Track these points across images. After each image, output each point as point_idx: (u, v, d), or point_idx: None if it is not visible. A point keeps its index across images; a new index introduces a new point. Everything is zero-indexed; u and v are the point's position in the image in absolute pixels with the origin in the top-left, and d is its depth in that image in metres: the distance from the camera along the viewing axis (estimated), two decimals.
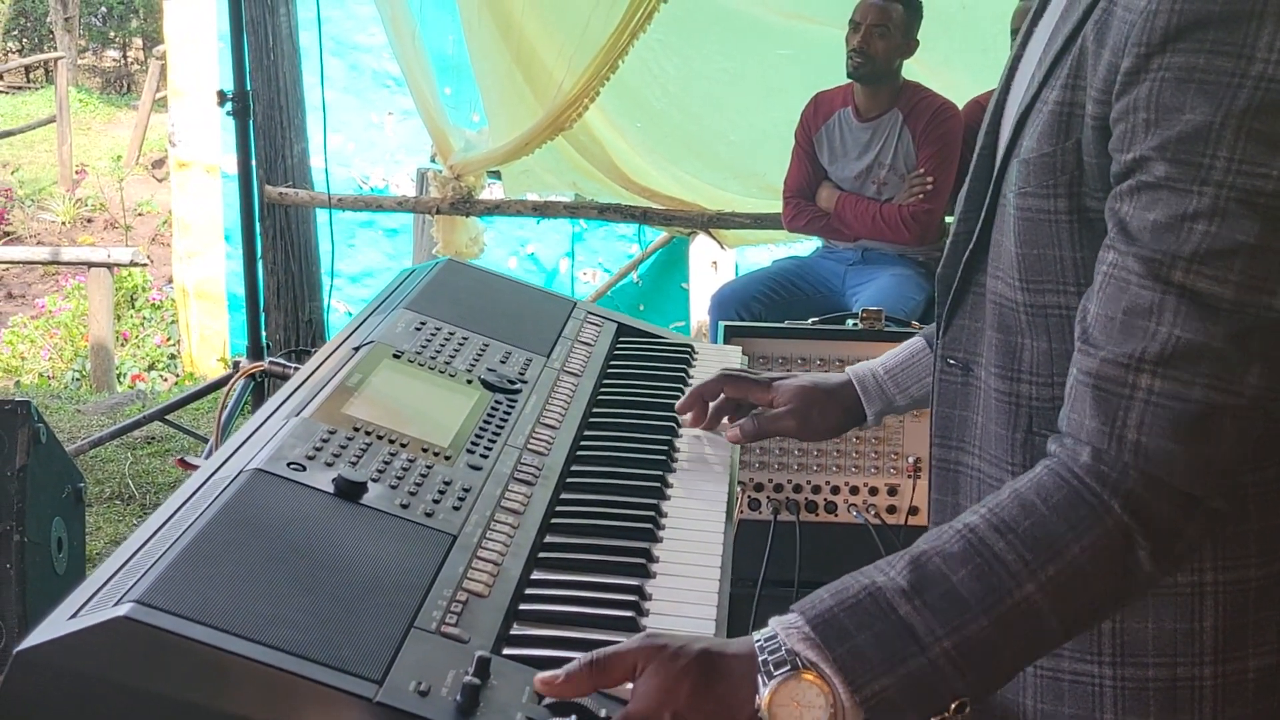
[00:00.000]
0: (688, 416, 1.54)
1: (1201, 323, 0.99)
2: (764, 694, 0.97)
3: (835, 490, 2.43)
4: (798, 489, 2.43)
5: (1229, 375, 0.99)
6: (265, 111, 4.84)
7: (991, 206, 1.18)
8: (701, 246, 6.06)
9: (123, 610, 0.92)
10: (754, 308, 3.90)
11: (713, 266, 6.11)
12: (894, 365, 1.48)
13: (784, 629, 1.00)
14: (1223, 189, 0.98)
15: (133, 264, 7.32)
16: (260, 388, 4.01)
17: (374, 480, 1.19)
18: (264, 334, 4.24)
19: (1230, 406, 0.99)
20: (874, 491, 2.43)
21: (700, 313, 5.94)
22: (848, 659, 0.97)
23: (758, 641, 1.00)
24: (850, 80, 3.86)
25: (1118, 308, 1.02)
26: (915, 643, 0.98)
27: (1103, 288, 1.03)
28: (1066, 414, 1.05)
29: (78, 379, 7.31)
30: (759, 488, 2.43)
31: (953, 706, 0.99)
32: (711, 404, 1.54)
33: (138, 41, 15.24)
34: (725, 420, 1.55)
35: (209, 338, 7.14)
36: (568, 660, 1.01)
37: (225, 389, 3.05)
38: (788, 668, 0.98)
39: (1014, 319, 1.16)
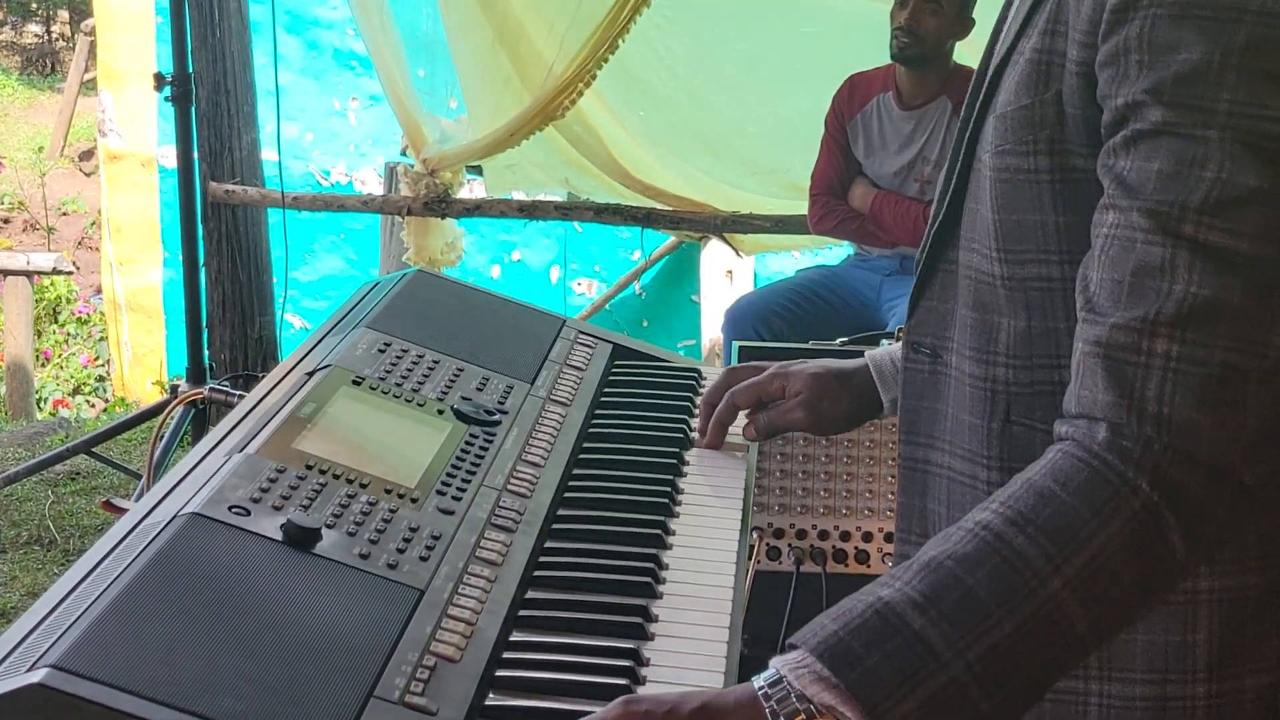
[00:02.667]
0: (704, 442, 1.60)
1: (1218, 278, 1.01)
2: None
3: (867, 537, 2.43)
4: (824, 535, 2.44)
5: (1252, 335, 1.01)
6: (210, 97, 4.86)
7: (964, 172, 1.22)
8: (714, 253, 6.07)
9: (37, 676, 0.93)
10: (775, 324, 3.90)
11: (727, 277, 6.12)
12: None
13: (790, 670, 1.00)
14: (1227, 131, 1.01)
15: (56, 272, 7.35)
16: (201, 416, 4.01)
17: (329, 526, 1.19)
18: (206, 354, 4.25)
19: (1255, 370, 1.01)
20: None
21: (713, 330, 5.95)
22: (861, 685, 0.98)
23: (761, 688, 1.01)
24: (892, 62, 3.86)
25: (1125, 269, 1.04)
26: (934, 659, 0.98)
27: (1105, 250, 1.06)
28: (1075, 392, 1.07)
29: None
30: (779, 534, 2.44)
31: None
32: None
33: (63, 15, 15.33)
34: (742, 416, 1.60)
35: (143, 358, 7.16)
36: None
37: (161, 418, 3.07)
38: (802, 718, 0.98)
39: (991, 295, 1.19)
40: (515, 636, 1.18)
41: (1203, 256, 1.01)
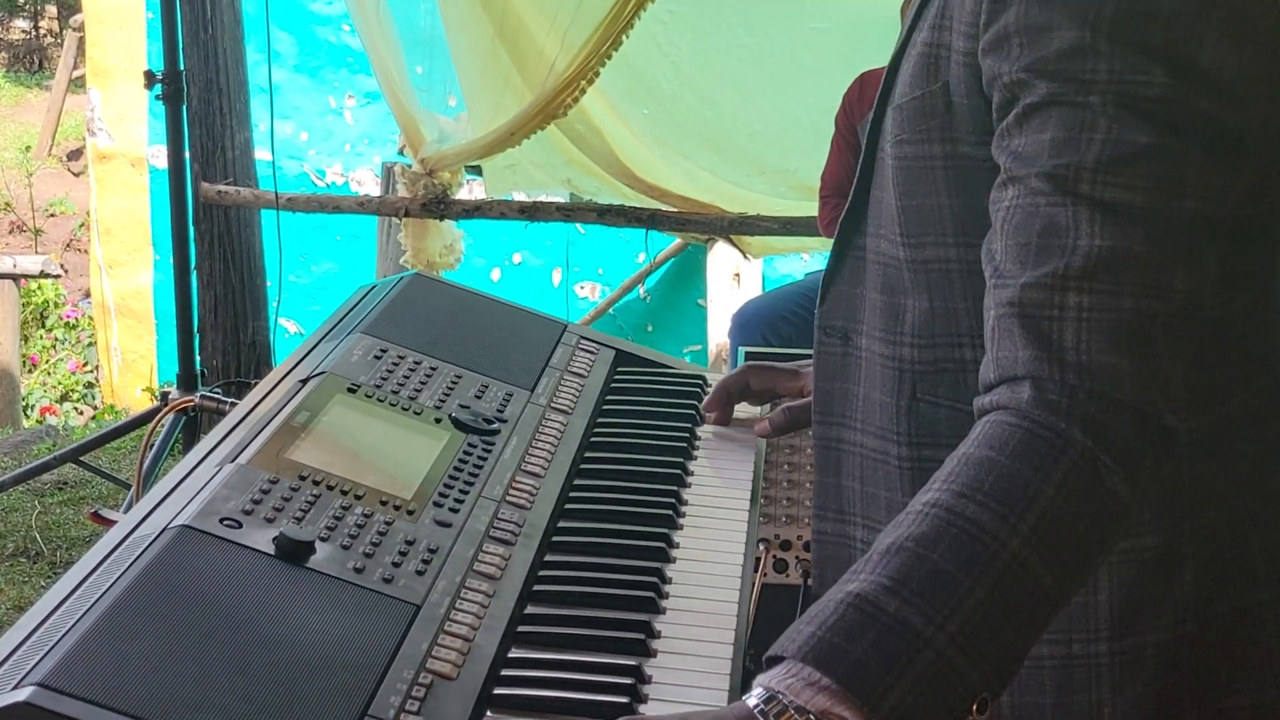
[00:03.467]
0: (711, 416, 1.69)
1: (1120, 229, 1.09)
2: None
3: None
4: None
5: (1155, 280, 1.09)
6: (201, 95, 4.87)
7: (870, 161, 1.32)
8: (721, 256, 6.08)
9: (23, 694, 0.93)
10: (783, 330, 3.91)
11: (734, 280, 6.13)
12: None
13: (780, 682, 1.02)
14: (1108, 96, 1.10)
15: (43, 275, 7.36)
16: (192, 424, 4.02)
17: (323, 539, 1.20)
18: (198, 360, 4.26)
19: (1162, 312, 1.09)
20: None
21: (719, 335, 5.96)
22: (853, 678, 1.00)
23: (756, 706, 1.02)
24: None
25: (1030, 233, 1.11)
26: (917, 637, 1.01)
27: (1007, 220, 1.13)
28: (994, 357, 1.12)
29: None
30: (786, 546, 2.43)
31: (974, 709, 1.02)
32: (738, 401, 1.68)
33: (51, 10, 15.37)
34: (756, 411, 1.68)
35: (133, 363, 7.17)
36: None
37: (150, 426, 3.08)
38: None
39: (898, 278, 1.29)
40: (514, 653, 1.18)
41: (1102, 211, 1.08)
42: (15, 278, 7.16)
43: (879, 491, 1.34)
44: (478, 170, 5.23)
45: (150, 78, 3.98)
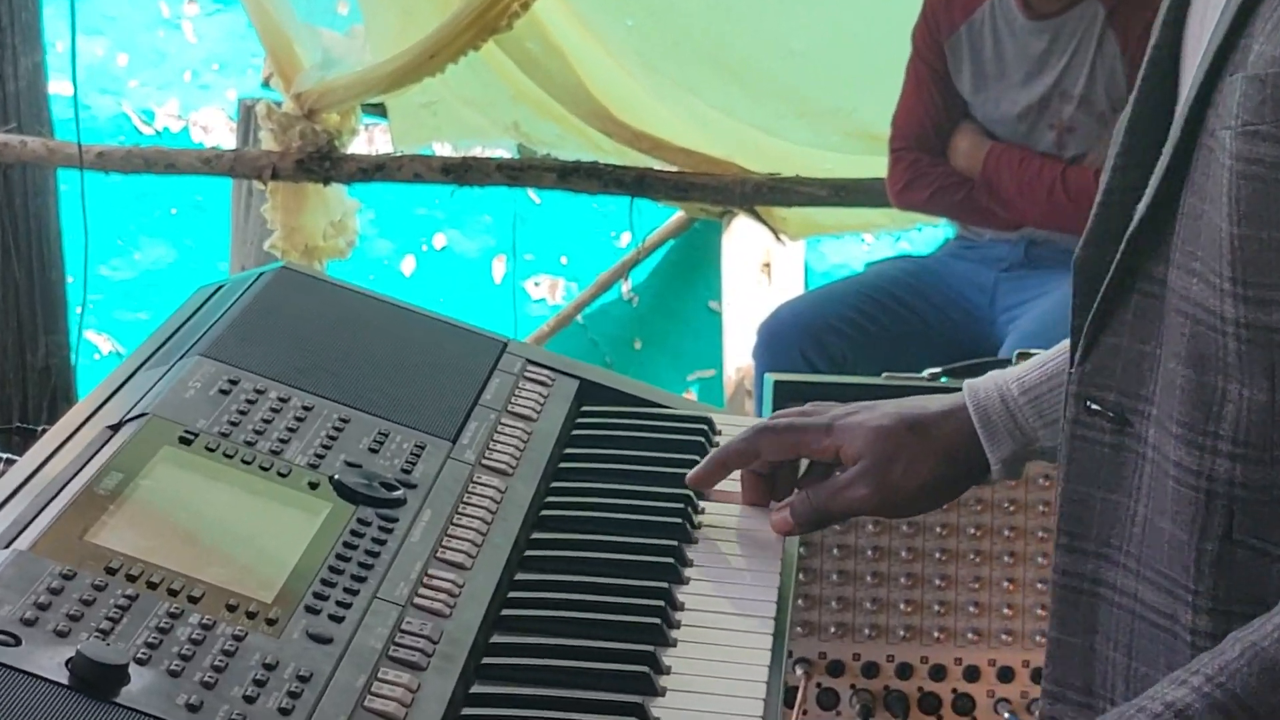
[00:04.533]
0: (692, 480, 1.65)
1: None
2: None
3: (972, 674, 2.42)
4: (905, 672, 2.42)
5: None
6: None
7: (1184, 150, 1.23)
8: (743, 238, 6.07)
9: None
10: (833, 346, 3.91)
11: (763, 273, 6.12)
12: (1040, 376, 1.55)
13: None
14: None
15: None
16: None
17: (141, 661, 1.18)
18: None
19: None
20: (1039, 674, 2.43)
21: (740, 354, 5.95)
22: None
23: None
24: None
25: None
26: None
27: None
28: None
29: None
30: (837, 669, 2.43)
31: None
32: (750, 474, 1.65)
33: None
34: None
35: None
36: None
37: None
38: None
39: (1215, 345, 1.21)
40: None
41: None
42: None
43: (1155, 673, 1.28)
44: (381, 111, 5.23)
45: None
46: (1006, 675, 2.44)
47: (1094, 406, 1.31)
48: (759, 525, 1.65)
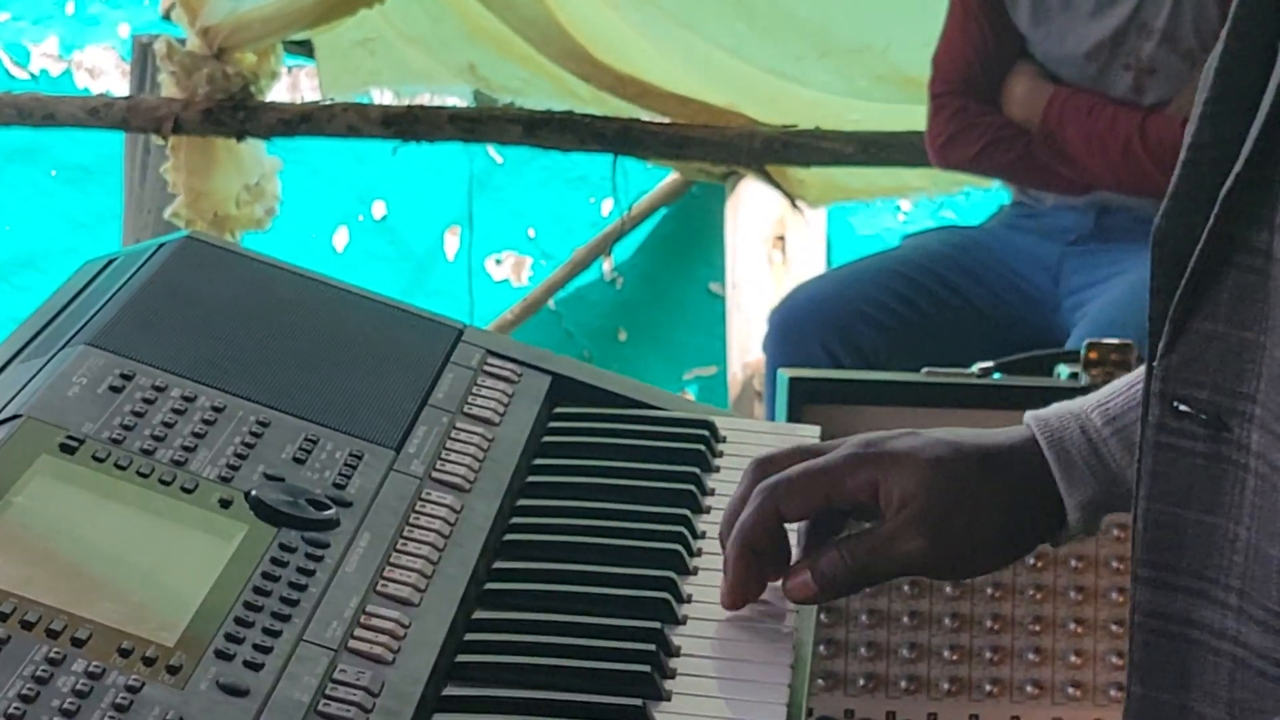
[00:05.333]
0: (729, 601, 1.60)
1: None
2: None
3: None
4: None
5: None
6: None
7: None
8: (752, 205, 6.10)
9: None
10: (862, 337, 3.96)
11: (776, 248, 6.15)
12: (1127, 402, 1.54)
13: None
14: None
15: None
16: None
17: (13, 717, 1.18)
18: None
19: None
20: None
21: (748, 347, 5.97)
22: None
23: None
24: None
25: None
26: None
27: None
28: None
29: None
30: None
31: None
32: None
33: None
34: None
35: None
36: None
37: None
38: None
39: None
40: None
41: None
42: None
43: None
44: (308, 50, 5.24)
45: None
46: None
47: (1182, 408, 1.30)
48: None
